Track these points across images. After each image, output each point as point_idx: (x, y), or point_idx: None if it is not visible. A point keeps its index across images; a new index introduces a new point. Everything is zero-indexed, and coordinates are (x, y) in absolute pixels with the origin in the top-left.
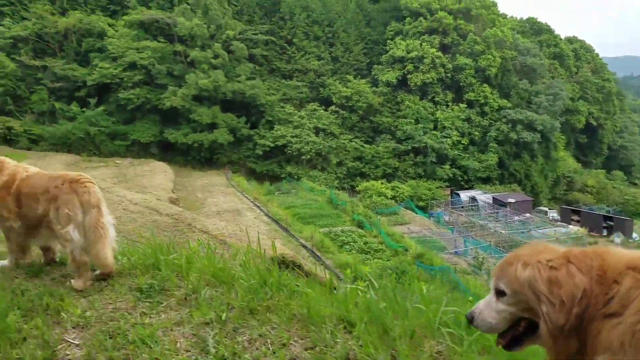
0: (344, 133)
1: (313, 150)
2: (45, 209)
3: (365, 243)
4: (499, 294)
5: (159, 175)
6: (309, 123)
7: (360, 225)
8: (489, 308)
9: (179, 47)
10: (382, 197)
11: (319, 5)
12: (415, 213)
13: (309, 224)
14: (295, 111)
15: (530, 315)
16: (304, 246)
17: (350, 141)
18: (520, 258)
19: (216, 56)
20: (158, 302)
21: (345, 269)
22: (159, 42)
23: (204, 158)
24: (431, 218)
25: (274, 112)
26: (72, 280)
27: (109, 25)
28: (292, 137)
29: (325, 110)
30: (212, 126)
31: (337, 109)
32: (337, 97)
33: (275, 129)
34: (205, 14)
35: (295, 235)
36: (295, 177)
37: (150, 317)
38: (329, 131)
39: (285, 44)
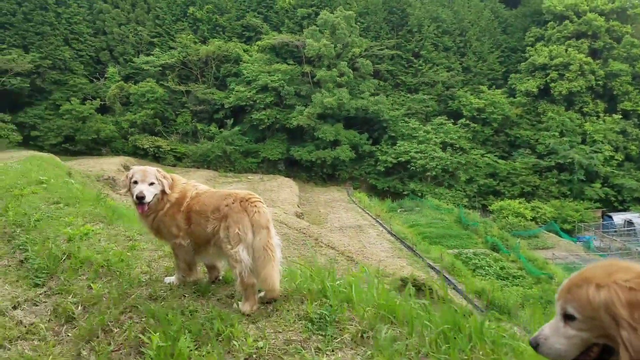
0: (475, 148)
1: (439, 167)
2: (215, 228)
3: (502, 268)
4: (568, 318)
5: (285, 190)
6: (436, 138)
7: (494, 248)
8: (556, 334)
9: (307, 68)
10: (520, 218)
11: (449, 15)
12: (560, 237)
13: (435, 244)
14: (421, 125)
15: (605, 341)
16: (432, 268)
17: (482, 156)
18: (592, 279)
19: (341, 74)
20: (331, 336)
21: (480, 296)
22: (288, 64)
23: (326, 174)
24: (579, 243)
25: (397, 128)
26: (239, 302)
27: (244, 51)
28: (417, 152)
29: (454, 123)
30: (335, 143)
31: (467, 121)
32: (467, 109)
33: (398, 144)
34: (333, 34)
35: (421, 255)
36: (419, 194)
37: (326, 355)
38: (457, 146)
39: (412, 57)
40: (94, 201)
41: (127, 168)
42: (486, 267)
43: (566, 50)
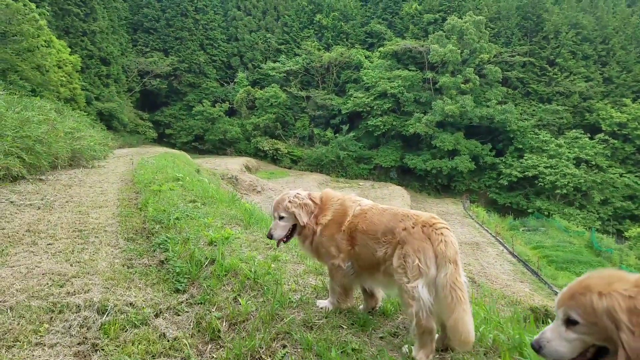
0: (613, 166)
1: (571, 184)
2: (387, 253)
3: None
4: (570, 323)
5: (397, 199)
6: (569, 152)
7: None
8: (558, 337)
9: (429, 75)
10: None
11: (591, 21)
12: None
13: (561, 270)
14: (552, 138)
15: (604, 343)
16: (556, 292)
17: (621, 176)
18: (594, 288)
19: (466, 81)
20: None
21: None
22: (409, 70)
23: (441, 185)
24: None
25: (526, 139)
26: (412, 347)
27: (366, 57)
28: (546, 167)
29: (591, 138)
30: (453, 152)
31: (606, 137)
32: (607, 123)
33: (525, 157)
34: (460, 40)
35: (547, 281)
36: (545, 213)
37: None
38: (593, 163)
39: (546, 65)
40: (229, 202)
41: (248, 168)
42: None
43: None
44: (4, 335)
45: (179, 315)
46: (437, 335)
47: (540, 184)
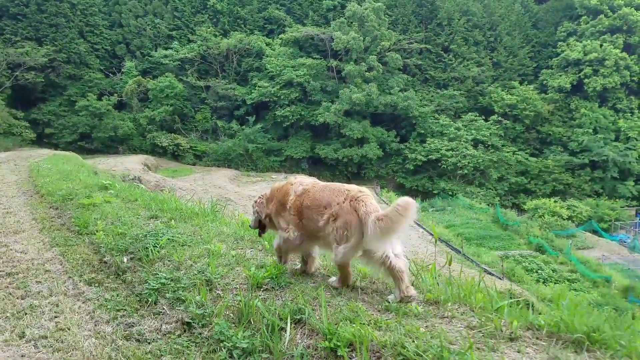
0: (506, 145)
1: (471, 164)
2: (326, 223)
3: (554, 271)
4: None
5: None
6: (467, 135)
7: (539, 249)
8: None
9: (333, 63)
10: (556, 217)
11: (479, 9)
12: (600, 236)
13: (477, 246)
14: (451, 122)
15: None
16: (490, 273)
17: (514, 154)
18: None
19: (370, 69)
20: None
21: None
22: (313, 58)
23: (351, 172)
24: (622, 242)
25: (427, 124)
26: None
27: (267, 45)
28: (448, 150)
29: (486, 120)
30: (362, 140)
31: (499, 118)
32: (499, 105)
33: (428, 141)
34: (361, 27)
35: (473, 259)
36: (450, 193)
37: None
38: (489, 143)
39: (442, 52)
40: (207, 214)
41: (147, 167)
42: (538, 271)
43: (601, 45)
44: None
45: None
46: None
47: (443, 166)
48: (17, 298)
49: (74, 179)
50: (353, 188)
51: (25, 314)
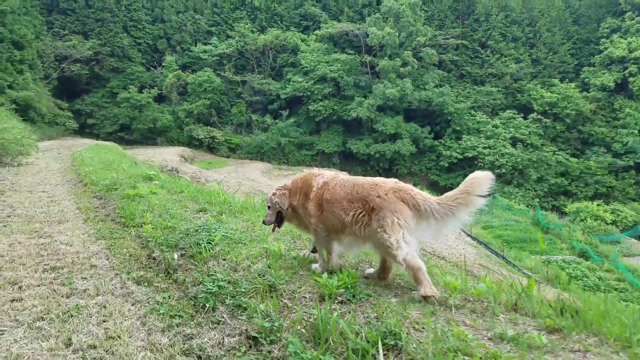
0: (546, 144)
1: (509, 164)
2: (355, 218)
3: (600, 279)
4: None
5: None
6: (505, 133)
7: (583, 255)
8: None
9: (367, 58)
10: (599, 222)
11: (518, 4)
12: None
13: (516, 249)
14: (488, 119)
15: None
16: (535, 280)
17: (554, 154)
18: None
19: (404, 64)
20: None
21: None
22: (347, 54)
23: (383, 168)
24: None
25: (463, 121)
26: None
27: (302, 41)
28: (485, 148)
29: (525, 118)
30: (394, 136)
31: (538, 116)
32: (538, 103)
33: (464, 139)
34: (397, 22)
35: (515, 263)
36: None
37: None
38: (528, 142)
39: (479, 47)
40: (257, 211)
41: (184, 158)
42: (584, 278)
43: None
44: None
45: None
46: None
47: (480, 164)
48: (62, 296)
49: (117, 168)
50: (387, 180)
51: (71, 315)
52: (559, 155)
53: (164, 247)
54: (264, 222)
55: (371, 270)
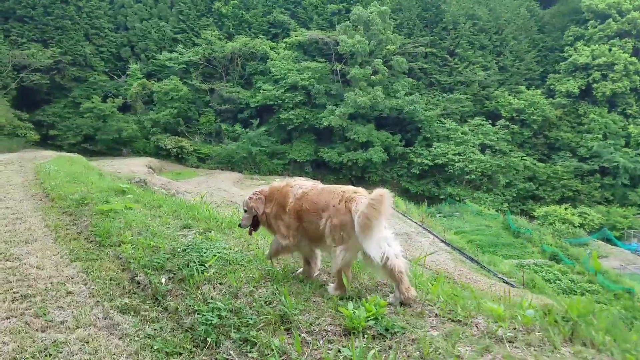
0: (514, 150)
1: (479, 169)
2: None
3: (572, 281)
4: None
5: None
6: (474, 139)
7: (554, 258)
8: None
9: (338, 66)
10: (567, 225)
11: (485, 13)
12: (615, 245)
13: (488, 254)
14: (458, 127)
15: None
16: (508, 283)
17: (522, 159)
18: None
19: (375, 72)
20: None
21: None
22: (318, 62)
23: (355, 176)
24: (637, 252)
25: (433, 128)
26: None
27: (271, 48)
28: (454, 154)
29: (493, 125)
30: (366, 144)
31: (506, 123)
32: (506, 110)
33: (434, 146)
34: (366, 31)
35: (490, 268)
36: (457, 198)
37: None
38: (496, 148)
39: (447, 55)
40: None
41: (151, 169)
42: (556, 281)
43: (610, 49)
44: None
45: None
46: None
47: (450, 170)
48: (37, 330)
49: (86, 181)
50: (349, 189)
51: (50, 355)
52: (526, 160)
53: (148, 270)
54: (239, 225)
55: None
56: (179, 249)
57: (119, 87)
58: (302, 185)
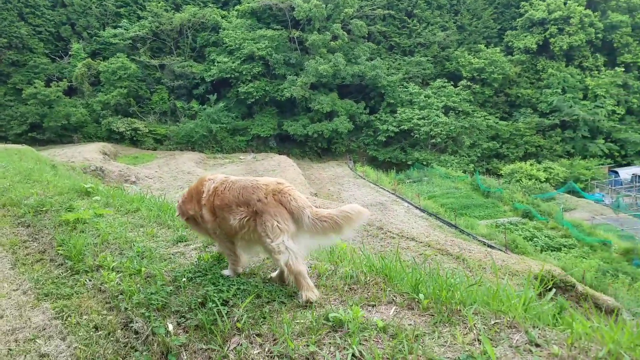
0: (476, 110)
1: (444, 132)
2: (242, 222)
3: (548, 237)
4: None
5: (289, 169)
6: (437, 102)
7: (526, 215)
8: None
9: (295, 33)
10: (533, 181)
11: None
12: (582, 197)
13: (462, 216)
14: (421, 90)
15: None
16: (490, 246)
17: (484, 119)
18: None
19: (334, 38)
20: None
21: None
22: (274, 29)
23: (321, 148)
24: (604, 202)
25: (396, 94)
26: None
27: (222, 17)
28: (420, 119)
29: (455, 86)
30: (331, 114)
31: (468, 83)
32: (466, 70)
33: (399, 111)
34: None
35: (469, 232)
36: (424, 163)
37: None
38: (459, 109)
39: (406, 17)
40: None
41: (106, 155)
42: (534, 239)
43: (565, 3)
44: None
45: None
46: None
47: (415, 135)
48: None
49: (41, 180)
50: (270, 181)
51: None
52: (489, 119)
53: (146, 312)
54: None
55: (273, 274)
56: (184, 278)
57: (63, 69)
58: (215, 180)
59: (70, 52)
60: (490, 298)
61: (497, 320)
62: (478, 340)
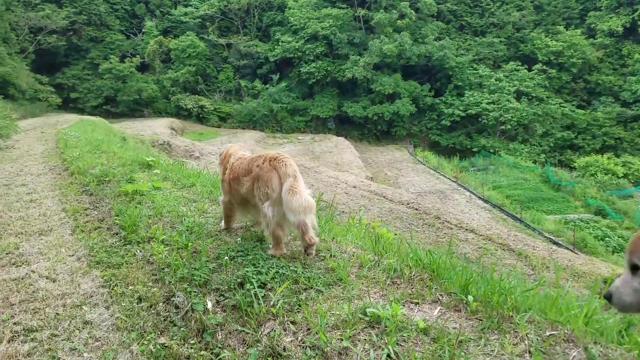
0: (551, 97)
1: (514, 119)
2: (248, 190)
3: (622, 238)
4: (635, 268)
5: (346, 151)
6: (509, 86)
7: (599, 212)
8: (625, 285)
9: (361, 12)
10: (610, 176)
11: None
12: None
13: (528, 210)
14: (492, 73)
15: None
16: (557, 244)
17: (560, 106)
18: None
19: (401, 16)
20: None
21: None
22: (339, 8)
23: (380, 131)
24: None
25: (464, 76)
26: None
27: None
28: (489, 103)
29: (529, 70)
30: (393, 96)
31: (543, 67)
32: (543, 53)
33: (466, 95)
34: None
35: (534, 227)
36: (491, 150)
37: None
38: (533, 95)
39: None
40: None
41: (173, 130)
42: (605, 239)
43: None
44: None
45: None
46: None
47: (483, 121)
48: None
49: (107, 151)
50: (272, 152)
51: None
52: (564, 107)
53: (188, 287)
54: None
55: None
56: (226, 257)
57: (136, 45)
58: (236, 155)
59: (143, 30)
60: (547, 306)
61: (553, 332)
62: (529, 352)
